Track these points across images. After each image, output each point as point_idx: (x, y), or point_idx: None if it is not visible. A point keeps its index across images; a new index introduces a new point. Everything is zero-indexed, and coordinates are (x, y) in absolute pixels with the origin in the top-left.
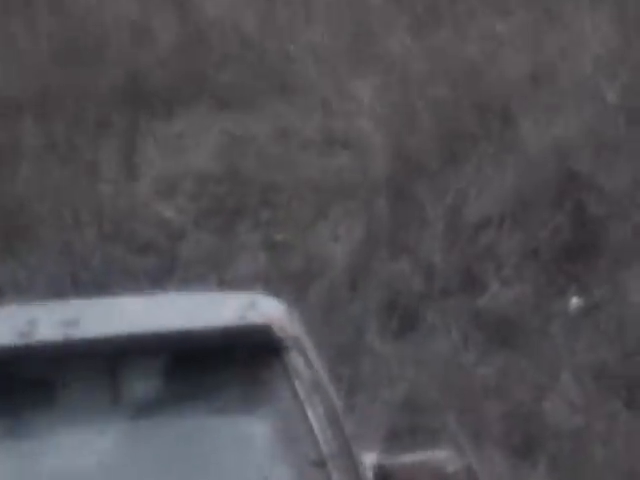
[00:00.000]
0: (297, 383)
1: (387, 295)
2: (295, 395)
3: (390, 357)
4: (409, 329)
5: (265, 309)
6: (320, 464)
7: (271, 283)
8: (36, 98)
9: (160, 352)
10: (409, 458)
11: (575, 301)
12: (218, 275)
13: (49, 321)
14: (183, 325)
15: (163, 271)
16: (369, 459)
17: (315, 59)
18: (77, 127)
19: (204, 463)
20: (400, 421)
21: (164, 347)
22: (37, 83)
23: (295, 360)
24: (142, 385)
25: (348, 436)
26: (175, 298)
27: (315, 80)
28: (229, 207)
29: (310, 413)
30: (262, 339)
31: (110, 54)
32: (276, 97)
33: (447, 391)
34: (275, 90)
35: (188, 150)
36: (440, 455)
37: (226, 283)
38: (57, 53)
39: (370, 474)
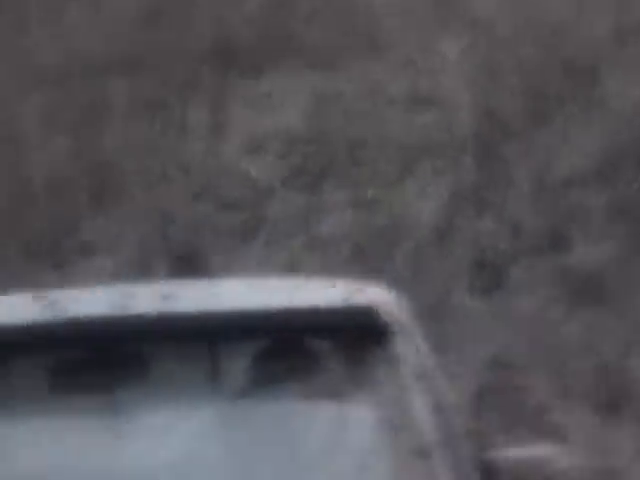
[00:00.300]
0: (402, 369)
1: (474, 253)
2: (399, 381)
3: (477, 314)
4: (496, 287)
5: (371, 293)
6: (423, 454)
7: (358, 241)
8: (125, 58)
9: (260, 331)
10: (517, 453)
11: None
12: (305, 233)
13: (147, 295)
14: (285, 305)
15: (250, 229)
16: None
17: (402, 16)
18: (166, 86)
19: (301, 447)
20: (487, 378)
21: (264, 326)
22: (126, 43)
23: (401, 345)
24: (241, 364)
25: (456, 427)
26: (278, 281)
27: (402, 37)
28: (316, 165)
29: (414, 401)
30: (367, 322)
31: (199, 13)
32: (363, 55)
33: (534, 348)
34: (362, 48)
35: (276, 109)
36: (549, 450)
37: (314, 240)
38: (146, 13)
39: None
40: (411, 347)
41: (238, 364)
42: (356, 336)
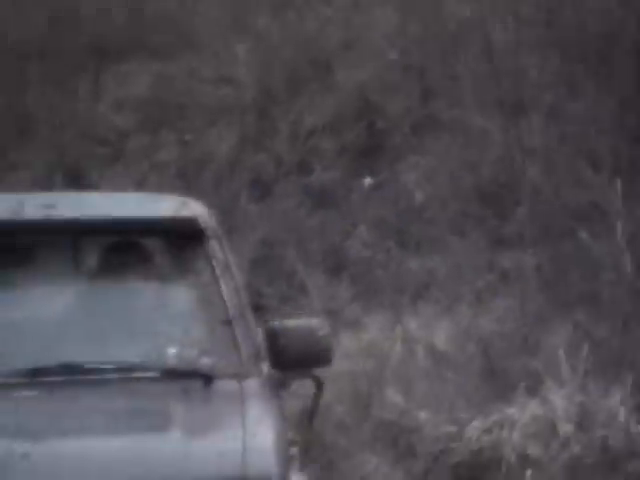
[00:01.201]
0: (214, 262)
1: (252, 175)
2: (212, 271)
3: (254, 214)
4: (266, 196)
5: (193, 207)
6: (228, 323)
7: (181, 167)
8: (41, 48)
9: (113, 232)
10: (291, 322)
11: (368, 180)
12: (149, 161)
13: (34, 204)
14: (131, 214)
15: (115, 157)
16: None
17: (211, 26)
18: (65, 67)
19: (140, 314)
20: (259, 253)
21: (117, 229)
22: (41, 40)
23: (213, 246)
24: (98, 255)
25: (247, 303)
26: (129, 196)
27: (211, 40)
28: (156, 119)
29: (222, 285)
30: (190, 228)
31: (85, 23)
32: (186, 51)
33: (289, 234)
34: (186, 46)
35: (132, 84)
36: (314, 321)
37: (156, 165)
38: (51, 19)
39: (262, 333)
40: (220, 246)
41: (96, 255)
42: (182, 238)
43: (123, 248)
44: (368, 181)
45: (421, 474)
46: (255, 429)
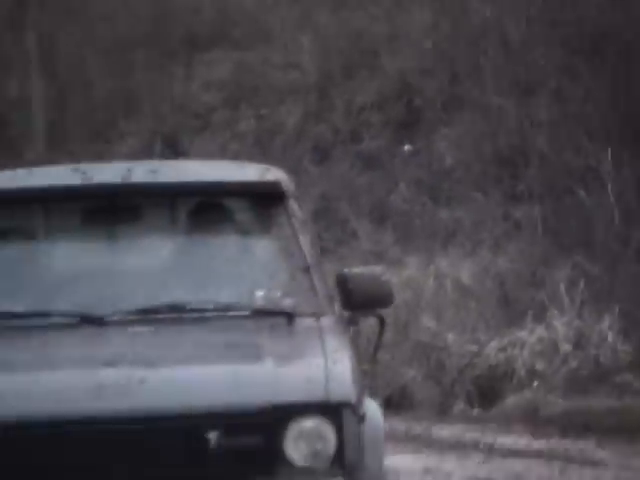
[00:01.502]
0: (293, 219)
1: (313, 143)
2: (293, 226)
3: (315, 174)
4: (324, 160)
5: (275, 172)
6: (307, 270)
7: (258, 136)
8: (146, 40)
9: (209, 194)
10: (359, 269)
11: (407, 147)
12: (231, 131)
13: (141, 170)
14: (224, 179)
15: (205, 127)
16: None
17: (282, 22)
18: (163, 55)
19: (231, 262)
20: (319, 205)
21: (213, 191)
22: (144, 34)
23: (293, 205)
24: (195, 213)
25: (320, 253)
26: (220, 163)
27: (281, 34)
28: (237, 97)
29: (301, 237)
30: (274, 190)
31: (179, 19)
32: (261, 42)
33: (343, 190)
34: (261, 39)
35: (217, 68)
36: (377, 268)
37: (237, 135)
38: (153, 15)
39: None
40: (297, 205)
41: (194, 213)
42: (267, 199)
43: (216, 207)
44: (407, 148)
45: (448, 384)
46: (335, 358)
